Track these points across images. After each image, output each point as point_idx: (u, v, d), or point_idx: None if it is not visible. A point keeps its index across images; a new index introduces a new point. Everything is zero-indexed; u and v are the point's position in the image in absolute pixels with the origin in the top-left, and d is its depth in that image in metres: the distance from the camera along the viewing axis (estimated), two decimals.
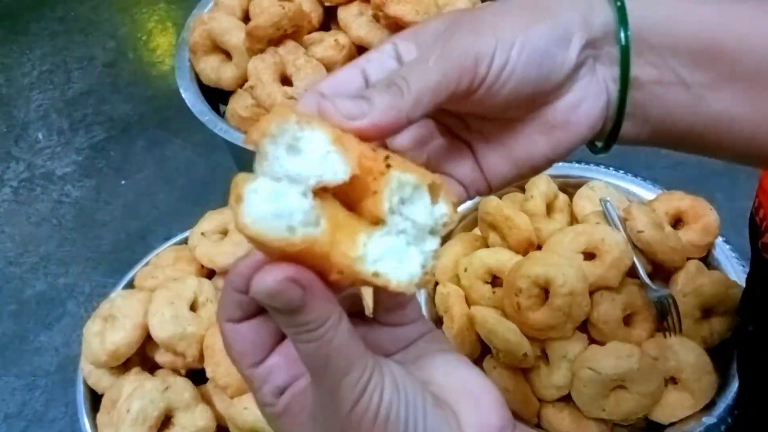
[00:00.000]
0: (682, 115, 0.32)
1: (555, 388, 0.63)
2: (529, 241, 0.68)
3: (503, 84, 0.30)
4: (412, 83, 0.28)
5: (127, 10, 1.38)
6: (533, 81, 0.30)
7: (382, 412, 0.27)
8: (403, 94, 0.28)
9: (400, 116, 0.28)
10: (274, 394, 0.30)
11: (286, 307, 0.26)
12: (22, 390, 0.85)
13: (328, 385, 0.27)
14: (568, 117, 0.32)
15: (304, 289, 0.26)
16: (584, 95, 0.32)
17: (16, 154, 1.13)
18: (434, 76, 0.29)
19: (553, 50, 0.30)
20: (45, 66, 1.28)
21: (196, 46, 0.83)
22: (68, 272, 0.96)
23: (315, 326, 0.26)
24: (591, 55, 0.31)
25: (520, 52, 0.29)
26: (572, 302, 0.61)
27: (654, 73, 0.32)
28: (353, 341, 0.27)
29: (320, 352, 0.27)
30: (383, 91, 0.28)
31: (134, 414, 0.58)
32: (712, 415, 0.62)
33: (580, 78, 0.32)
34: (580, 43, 0.31)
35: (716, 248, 0.72)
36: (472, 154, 0.34)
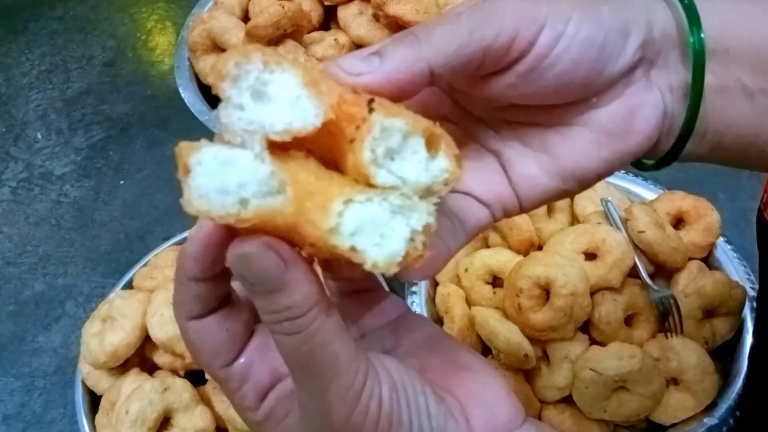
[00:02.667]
0: (744, 129, 0.29)
1: (556, 389, 0.63)
2: (530, 241, 0.68)
3: (554, 60, 0.25)
4: (436, 31, 0.24)
5: (127, 10, 1.38)
6: (587, 67, 0.26)
7: (383, 421, 0.24)
8: (421, 42, 0.24)
9: (420, 66, 0.24)
10: (255, 397, 0.26)
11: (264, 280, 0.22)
12: (20, 391, 0.85)
13: (315, 389, 0.23)
14: (626, 124, 0.28)
15: (285, 264, 0.22)
16: (641, 102, 0.28)
17: (15, 154, 1.13)
18: (465, 26, 0.24)
19: (613, 38, 0.26)
20: (44, 65, 1.28)
21: (195, 45, 0.83)
22: (67, 273, 0.95)
23: (298, 313, 0.22)
24: (647, 57, 0.28)
25: (578, 28, 0.25)
26: (573, 303, 0.61)
27: (714, 83, 0.28)
28: (344, 339, 0.23)
29: (304, 348, 0.23)
30: (397, 42, 0.24)
31: (133, 415, 0.58)
32: (713, 416, 0.62)
33: (635, 81, 0.28)
34: (638, 41, 0.27)
35: (718, 248, 0.72)
36: (500, 165, 0.29)
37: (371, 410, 0.24)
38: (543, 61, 0.25)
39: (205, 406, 0.62)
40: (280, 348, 0.23)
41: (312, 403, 0.24)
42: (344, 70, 0.24)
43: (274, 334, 0.23)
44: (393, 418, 0.24)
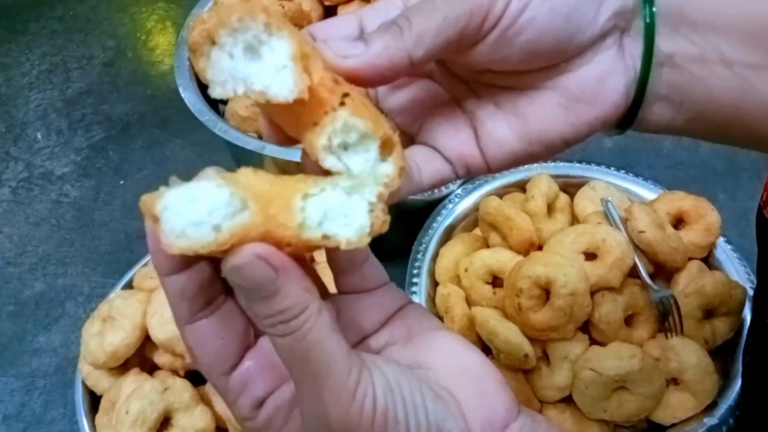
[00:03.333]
0: (725, 100, 0.29)
1: (556, 389, 0.63)
2: (530, 241, 0.68)
3: (520, 30, 0.27)
4: (415, 20, 0.26)
5: (127, 10, 1.38)
6: (555, 35, 0.27)
7: (378, 419, 0.25)
8: (403, 32, 0.26)
9: (400, 55, 0.26)
10: (252, 407, 0.27)
11: (258, 287, 0.23)
12: (20, 391, 0.85)
13: (311, 389, 0.24)
14: (594, 90, 0.29)
15: (276, 271, 0.23)
16: (610, 69, 0.29)
17: (15, 154, 1.13)
18: (441, 12, 0.26)
19: (583, 8, 0.27)
20: (44, 65, 1.28)
21: (195, 45, 0.83)
22: (67, 273, 0.95)
23: (291, 315, 0.24)
24: (620, 26, 0.28)
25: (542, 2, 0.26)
26: (573, 303, 0.61)
27: (693, 51, 0.28)
28: (335, 338, 0.24)
29: (298, 347, 0.24)
30: (383, 30, 0.26)
31: (133, 415, 0.58)
32: (713, 416, 0.62)
33: (605, 48, 0.29)
34: (611, 10, 0.28)
35: (718, 248, 0.72)
36: (472, 126, 0.31)
37: (366, 408, 0.24)
38: (508, 31, 0.27)
39: (206, 406, 0.62)
40: (277, 349, 0.25)
41: (310, 406, 0.25)
42: (333, 50, 0.25)
43: (270, 337, 0.25)
44: (389, 416, 0.25)
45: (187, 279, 0.26)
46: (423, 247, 0.75)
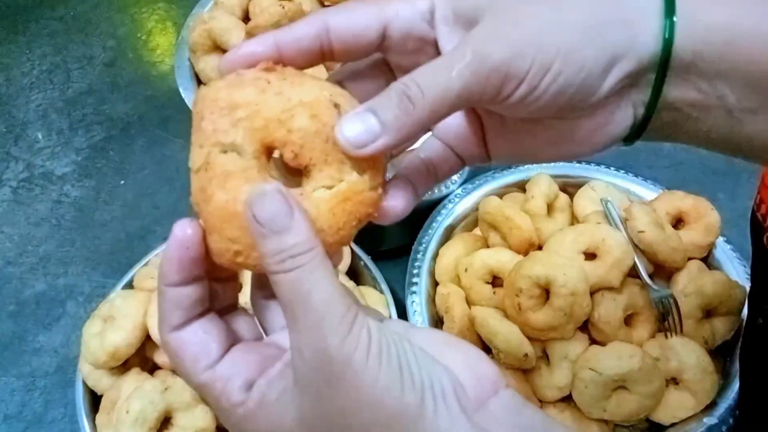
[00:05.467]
0: (712, 135, 0.30)
1: (556, 388, 0.63)
2: (529, 241, 0.68)
3: (526, 105, 0.28)
4: (428, 94, 0.26)
5: (127, 10, 1.38)
6: (557, 108, 0.28)
7: (373, 347, 0.26)
8: (416, 108, 0.26)
9: (415, 129, 0.27)
10: (243, 388, 0.27)
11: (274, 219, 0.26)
12: (21, 391, 0.85)
13: (311, 322, 0.25)
14: (587, 137, 0.30)
15: (291, 208, 0.26)
16: (608, 120, 0.30)
17: (16, 154, 1.13)
18: (455, 90, 0.26)
19: (591, 80, 0.28)
20: (44, 65, 1.28)
21: (195, 45, 0.83)
22: (67, 272, 0.96)
23: (300, 251, 0.25)
24: (627, 84, 0.29)
25: (553, 80, 0.27)
26: (573, 303, 0.61)
27: (696, 97, 0.29)
28: (336, 280, 0.26)
29: (303, 281, 0.25)
30: (395, 105, 0.26)
31: (134, 415, 0.58)
32: (713, 416, 0.62)
33: (608, 104, 0.29)
34: (620, 74, 0.28)
35: (717, 248, 0.72)
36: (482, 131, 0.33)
37: (362, 336, 0.26)
38: (515, 105, 0.28)
39: (206, 405, 0.63)
40: (280, 287, 0.26)
41: (309, 339, 0.26)
42: (349, 141, 0.27)
43: (275, 276, 0.26)
44: (382, 346, 0.26)
45: (190, 292, 0.28)
46: (423, 246, 0.75)
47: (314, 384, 0.26)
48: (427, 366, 0.27)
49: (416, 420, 0.26)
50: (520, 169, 0.80)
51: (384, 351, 0.26)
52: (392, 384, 0.25)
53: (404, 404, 0.26)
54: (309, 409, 0.26)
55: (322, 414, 0.26)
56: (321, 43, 0.29)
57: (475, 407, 0.27)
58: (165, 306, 0.28)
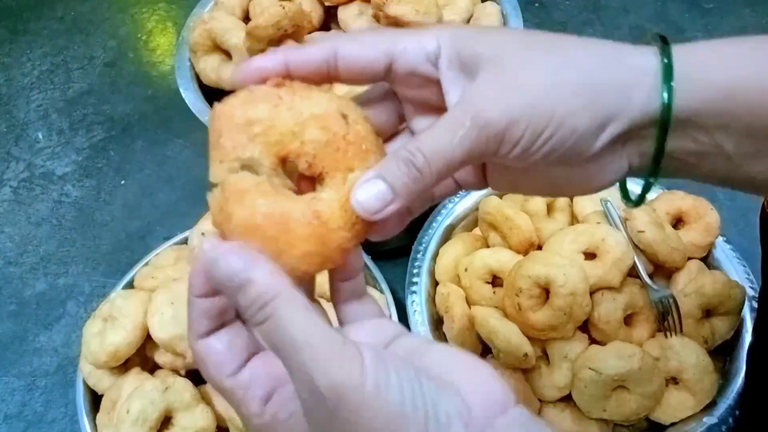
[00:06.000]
0: (712, 176, 0.32)
1: (556, 388, 0.63)
2: (529, 241, 0.68)
3: (521, 161, 0.30)
4: (433, 162, 0.29)
5: (127, 10, 1.38)
6: (550, 162, 0.30)
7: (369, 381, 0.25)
8: (423, 176, 0.29)
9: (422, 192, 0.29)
10: (260, 403, 0.29)
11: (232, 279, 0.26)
12: (21, 391, 0.85)
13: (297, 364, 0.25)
14: (582, 182, 0.32)
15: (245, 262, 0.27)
16: (602, 169, 0.31)
17: (16, 154, 1.13)
18: (457, 156, 0.29)
19: (582, 141, 0.29)
20: (45, 66, 1.28)
21: (196, 45, 0.83)
22: (68, 272, 0.96)
23: (265, 300, 0.26)
24: (621, 140, 0.30)
25: (545, 142, 0.29)
26: (573, 302, 0.61)
27: (693, 147, 0.30)
28: (311, 315, 0.26)
29: (278, 329, 0.25)
30: (404, 174, 0.29)
31: (134, 414, 0.58)
32: (713, 416, 0.62)
33: (601, 157, 0.30)
34: (613, 133, 0.29)
35: (717, 248, 0.72)
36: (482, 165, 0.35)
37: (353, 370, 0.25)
38: (511, 161, 0.30)
39: (207, 405, 0.63)
40: (262, 338, 0.27)
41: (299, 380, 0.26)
42: (363, 207, 0.29)
43: (254, 328, 0.27)
44: (380, 378, 0.25)
45: (216, 302, 0.29)
46: (423, 246, 0.75)
47: (317, 420, 0.26)
48: (431, 395, 0.26)
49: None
50: None
51: (382, 384, 0.25)
52: (393, 419, 0.25)
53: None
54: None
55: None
56: (328, 67, 0.30)
57: (483, 426, 0.27)
58: (193, 315, 0.30)
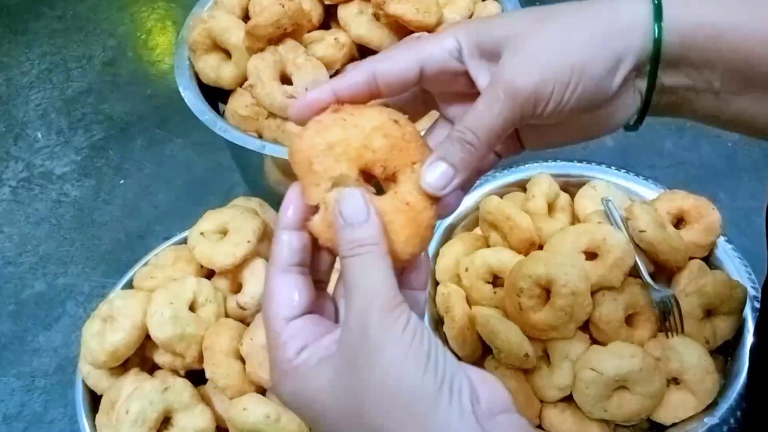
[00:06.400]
0: (705, 113, 0.37)
1: (557, 388, 0.63)
2: (530, 240, 0.68)
3: (554, 115, 0.34)
4: (481, 135, 0.34)
5: (127, 9, 1.37)
6: (579, 110, 0.35)
7: (408, 332, 0.30)
8: (475, 149, 0.34)
9: (478, 164, 0.35)
10: (296, 350, 0.32)
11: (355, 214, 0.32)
12: (20, 391, 0.85)
13: (361, 299, 0.30)
14: (605, 122, 0.37)
15: (368, 211, 0.32)
16: (620, 107, 0.36)
17: (15, 154, 1.13)
18: (500, 125, 0.34)
19: (602, 83, 0.34)
20: (44, 65, 1.28)
21: (195, 44, 0.83)
22: (67, 272, 0.96)
23: (368, 242, 0.31)
24: (632, 76, 0.35)
25: (573, 92, 0.34)
26: (574, 302, 0.61)
27: (687, 82, 0.35)
28: (391, 274, 0.31)
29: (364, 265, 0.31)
30: (459, 150, 0.34)
31: (133, 415, 0.58)
32: (714, 416, 0.62)
33: (619, 95, 0.35)
34: (626, 70, 0.34)
35: (718, 248, 0.72)
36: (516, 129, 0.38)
37: (400, 320, 0.30)
38: (546, 117, 0.35)
39: (206, 405, 0.62)
40: (344, 270, 0.32)
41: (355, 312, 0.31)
42: (432, 186, 0.34)
43: (344, 260, 0.32)
44: (416, 334, 0.30)
45: (298, 237, 0.34)
46: None
47: (352, 352, 0.30)
48: (451, 365, 0.30)
49: (431, 405, 0.28)
50: (521, 168, 0.79)
51: (417, 338, 0.29)
52: (416, 366, 0.29)
53: (423, 386, 0.29)
54: (340, 377, 0.31)
55: (350, 384, 0.30)
56: (370, 87, 0.35)
57: (486, 416, 0.30)
58: (276, 247, 0.34)
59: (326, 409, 0.31)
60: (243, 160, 0.89)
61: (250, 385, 0.62)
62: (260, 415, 0.58)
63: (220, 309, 0.67)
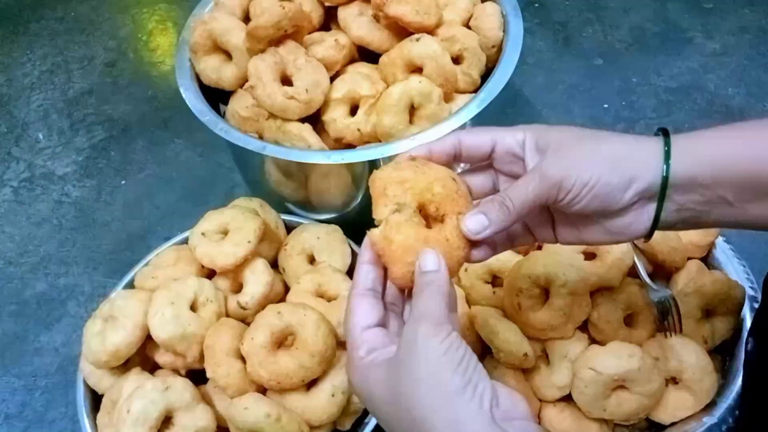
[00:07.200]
0: (724, 221, 0.44)
1: (556, 388, 0.63)
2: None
3: (573, 205, 0.44)
4: (516, 204, 0.44)
5: (128, 10, 1.38)
6: (594, 208, 0.44)
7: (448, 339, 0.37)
8: (509, 212, 0.44)
9: (507, 224, 0.44)
10: (367, 352, 0.41)
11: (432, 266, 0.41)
12: (22, 390, 0.85)
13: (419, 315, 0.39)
14: (622, 230, 0.45)
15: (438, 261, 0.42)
16: (634, 220, 0.45)
17: (17, 154, 1.13)
18: (531, 199, 0.44)
19: (614, 194, 0.43)
20: (45, 66, 1.28)
21: (196, 46, 0.83)
22: (68, 272, 0.96)
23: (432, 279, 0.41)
24: (644, 197, 0.43)
25: (589, 191, 0.43)
26: (573, 302, 0.61)
27: (701, 199, 0.43)
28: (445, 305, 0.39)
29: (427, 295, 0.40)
30: (497, 210, 0.44)
31: (135, 414, 0.58)
32: (712, 415, 0.62)
33: (633, 210, 0.44)
34: (636, 190, 0.43)
35: (717, 248, 0.72)
36: (552, 221, 0.48)
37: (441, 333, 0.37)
38: (566, 206, 0.44)
39: (207, 405, 0.63)
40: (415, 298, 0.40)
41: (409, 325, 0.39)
42: (470, 230, 0.44)
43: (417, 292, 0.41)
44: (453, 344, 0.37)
45: (374, 269, 0.44)
46: None
47: (402, 355, 0.38)
48: (479, 373, 0.37)
49: (456, 399, 0.35)
50: None
51: (452, 347, 0.37)
52: (449, 367, 0.36)
53: (452, 383, 0.36)
54: (390, 373, 0.38)
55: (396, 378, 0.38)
56: (455, 151, 0.47)
57: (501, 418, 0.36)
58: (357, 276, 0.44)
59: (379, 398, 0.39)
60: (243, 160, 0.89)
61: (250, 385, 0.62)
62: (261, 415, 0.58)
63: (220, 309, 0.67)
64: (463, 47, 0.81)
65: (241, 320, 0.68)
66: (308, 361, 0.61)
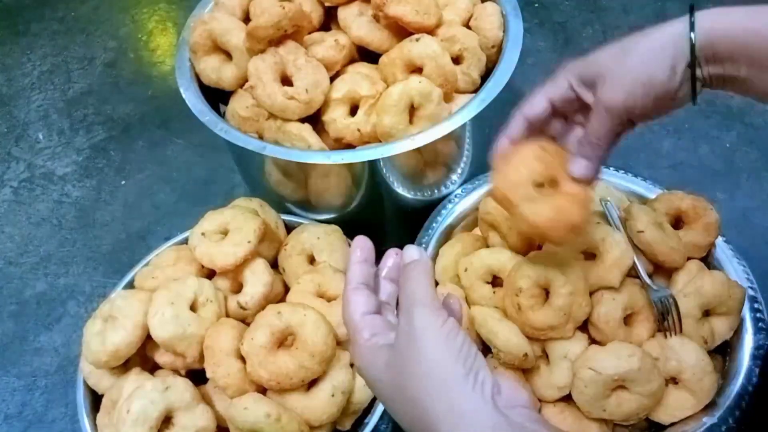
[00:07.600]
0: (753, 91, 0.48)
1: (556, 388, 0.63)
2: (529, 241, 0.68)
3: (644, 117, 0.51)
4: (602, 138, 0.52)
5: (128, 11, 1.38)
6: (653, 106, 0.49)
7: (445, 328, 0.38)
8: (600, 146, 0.52)
9: (602, 156, 0.53)
10: (369, 334, 0.41)
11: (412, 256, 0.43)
12: (22, 390, 0.85)
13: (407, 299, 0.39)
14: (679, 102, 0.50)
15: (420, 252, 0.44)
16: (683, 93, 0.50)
17: (17, 155, 1.13)
18: (611, 129, 0.51)
19: (666, 85, 0.48)
20: (45, 66, 1.28)
21: (196, 46, 0.83)
22: (68, 272, 0.96)
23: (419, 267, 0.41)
24: (688, 74, 0.48)
25: (649, 99, 0.49)
26: (573, 302, 0.61)
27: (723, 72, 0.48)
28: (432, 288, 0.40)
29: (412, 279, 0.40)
30: (590, 149, 0.53)
31: (135, 414, 0.58)
32: (713, 416, 0.62)
33: (681, 89, 0.49)
34: (680, 72, 0.48)
35: (717, 248, 0.72)
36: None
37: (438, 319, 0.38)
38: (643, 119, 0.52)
39: (207, 405, 0.63)
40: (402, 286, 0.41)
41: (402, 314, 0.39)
42: (577, 174, 0.54)
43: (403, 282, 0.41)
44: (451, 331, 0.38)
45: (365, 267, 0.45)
46: (423, 246, 0.75)
47: (402, 341, 0.39)
48: (479, 362, 0.37)
49: (459, 388, 0.36)
50: None
51: (452, 334, 0.37)
52: (450, 355, 0.37)
53: (454, 372, 0.36)
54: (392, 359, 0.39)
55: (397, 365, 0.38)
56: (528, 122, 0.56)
57: (504, 405, 0.36)
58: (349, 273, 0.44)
59: (382, 382, 0.40)
60: (243, 160, 0.89)
61: (250, 385, 0.62)
62: (260, 414, 0.58)
63: (220, 309, 0.67)
64: (463, 47, 0.81)
65: (241, 320, 0.68)
66: (308, 361, 0.61)
